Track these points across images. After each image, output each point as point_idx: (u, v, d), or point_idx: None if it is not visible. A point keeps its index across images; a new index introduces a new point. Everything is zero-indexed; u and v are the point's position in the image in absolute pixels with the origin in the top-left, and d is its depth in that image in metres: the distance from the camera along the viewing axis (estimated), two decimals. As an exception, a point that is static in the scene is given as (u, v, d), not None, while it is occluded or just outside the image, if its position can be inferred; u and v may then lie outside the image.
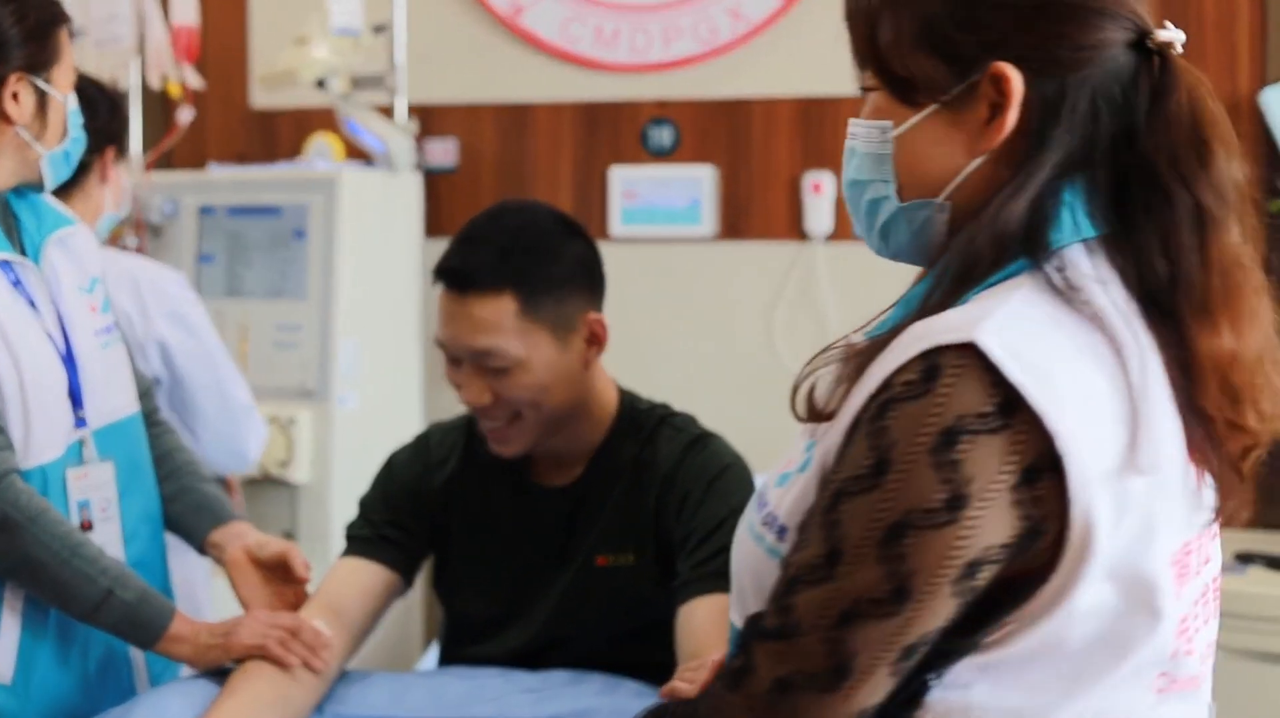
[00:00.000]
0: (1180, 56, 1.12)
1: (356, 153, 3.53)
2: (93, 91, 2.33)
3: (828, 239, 3.40)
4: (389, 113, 3.55)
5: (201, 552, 1.98)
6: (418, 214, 3.58)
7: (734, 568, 1.20)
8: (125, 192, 2.60)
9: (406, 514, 1.93)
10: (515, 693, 1.75)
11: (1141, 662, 1.08)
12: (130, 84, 3.49)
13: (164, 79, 3.42)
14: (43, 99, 1.78)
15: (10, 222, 1.83)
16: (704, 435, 1.90)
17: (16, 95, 1.76)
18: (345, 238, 3.27)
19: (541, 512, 1.90)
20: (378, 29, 3.47)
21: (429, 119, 3.67)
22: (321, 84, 3.36)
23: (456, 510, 1.94)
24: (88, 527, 1.81)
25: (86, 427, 1.83)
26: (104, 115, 2.38)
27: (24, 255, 1.81)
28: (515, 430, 1.84)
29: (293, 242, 3.29)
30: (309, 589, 1.89)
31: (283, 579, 1.89)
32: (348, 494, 2.82)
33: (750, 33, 3.44)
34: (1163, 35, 1.11)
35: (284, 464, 3.19)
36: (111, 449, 1.86)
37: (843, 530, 1.04)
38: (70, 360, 1.81)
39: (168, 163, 3.64)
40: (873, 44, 1.16)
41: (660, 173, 3.52)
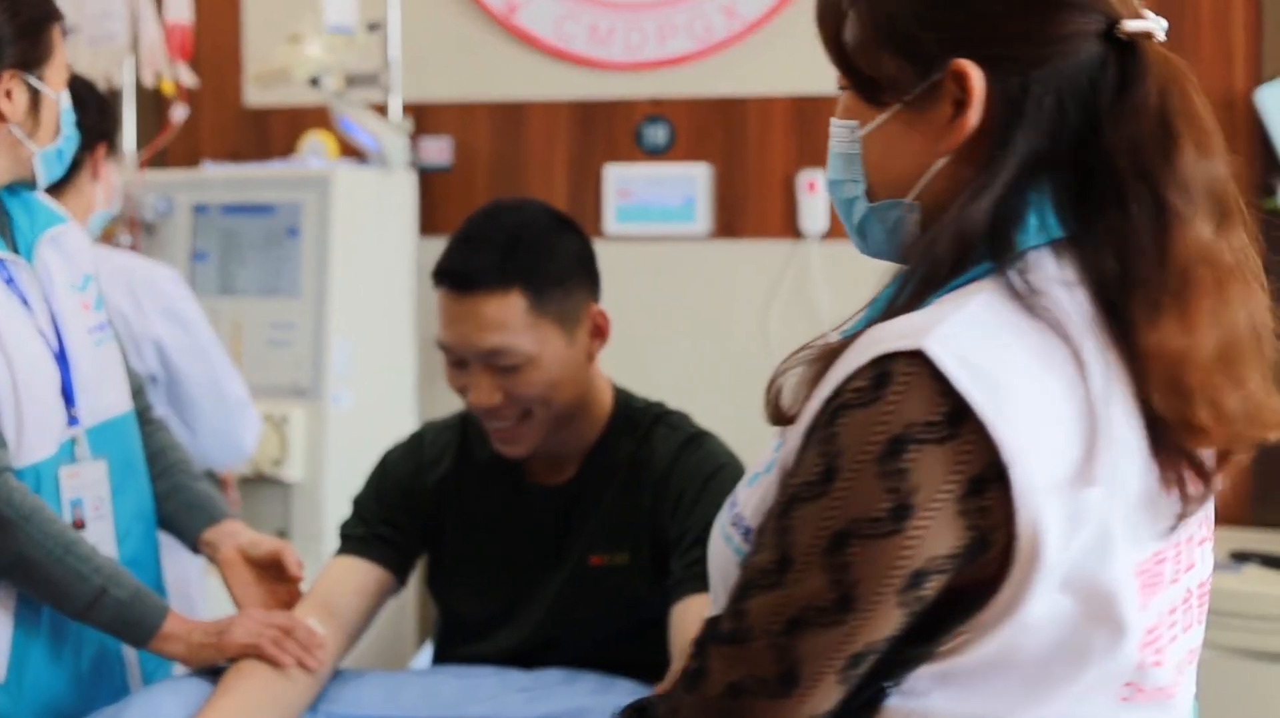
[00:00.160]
0: (1161, 47, 1.08)
1: (350, 151, 3.52)
2: (81, 88, 2.32)
3: (822, 238, 3.39)
4: (383, 111, 3.55)
5: (194, 550, 1.98)
6: (412, 212, 3.57)
7: (709, 567, 1.19)
8: (116, 188, 2.60)
9: (400, 513, 1.93)
10: (509, 692, 1.75)
11: (1104, 672, 1.06)
12: (124, 82, 3.49)
13: (158, 77, 3.42)
14: (35, 97, 1.78)
15: (3, 219, 1.83)
16: (699, 434, 1.90)
17: (9, 93, 1.75)
18: (339, 236, 3.26)
19: (536, 511, 1.90)
20: (372, 27, 3.47)
21: (423, 117, 3.66)
22: (315, 82, 3.35)
23: (450, 509, 1.93)
24: (80, 525, 1.81)
25: (79, 425, 1.82)
26: (93, 112, 2.37)
27: (16, 253, 1.81)
28: (525, 429, 1.83)
29: (286, 240, 3.29)
30: (302, 588, 1.89)
31: (276, 578, 1.89)
32: (341, 493, 2.81)
33: (745, 31, 3.44)
34: (1133, 25, 1.07)
35: (278, 463, 3.19)
36: (104, 447, 1.86)
37: (793, 537, 1.03)
38: (63, 358, 1.81)
39: (161, 161, 3.63)
40: (839, 44, 1.15)
41: (655, 171, 3.51)
